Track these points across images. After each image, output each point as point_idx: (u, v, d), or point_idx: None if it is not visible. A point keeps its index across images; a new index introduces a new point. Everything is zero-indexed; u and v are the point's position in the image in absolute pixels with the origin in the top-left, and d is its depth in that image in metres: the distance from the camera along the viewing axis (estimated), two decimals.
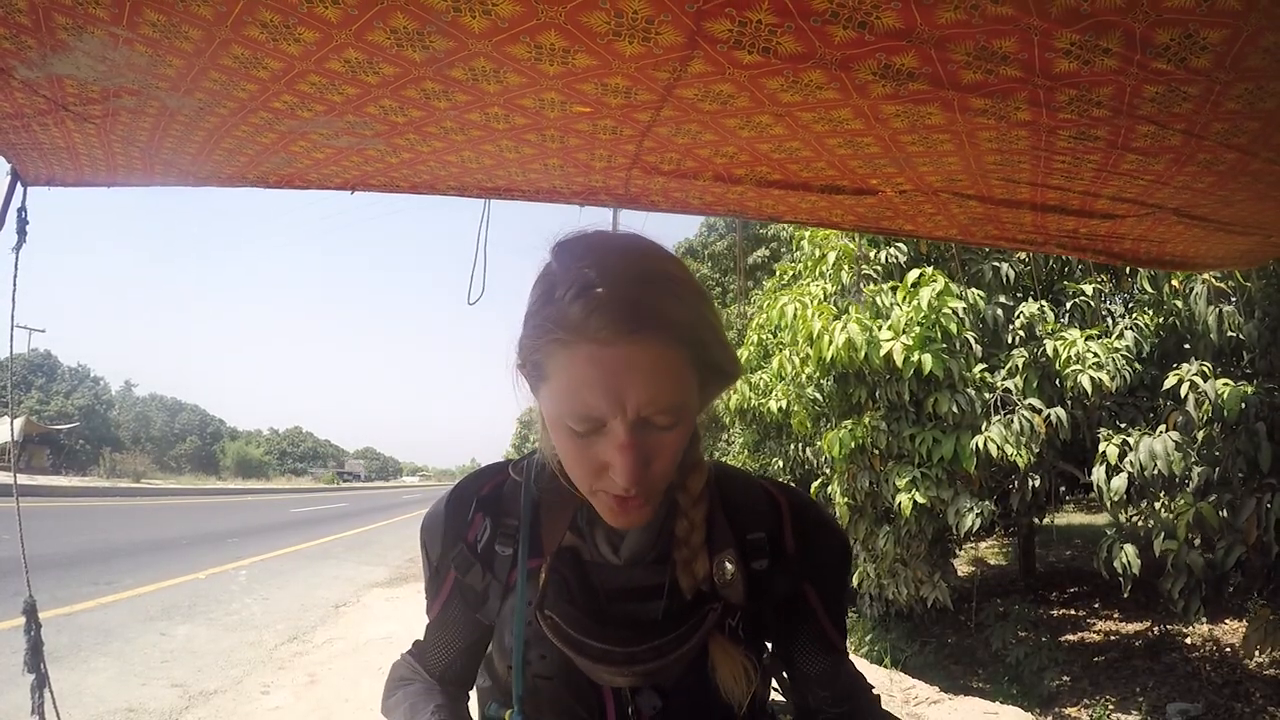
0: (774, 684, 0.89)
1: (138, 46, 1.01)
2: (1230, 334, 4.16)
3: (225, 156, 1.46)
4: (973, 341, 4.96)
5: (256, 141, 1.37)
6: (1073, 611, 7.01)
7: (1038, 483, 5.05)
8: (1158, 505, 4.19)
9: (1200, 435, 3.97)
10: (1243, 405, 3.73)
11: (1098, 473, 4.26)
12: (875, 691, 0.89)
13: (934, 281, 4.77)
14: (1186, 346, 4.76)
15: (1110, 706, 4.78)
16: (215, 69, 1.06)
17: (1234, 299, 4.17)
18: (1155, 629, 5.84)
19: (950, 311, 4.75)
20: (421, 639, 0.91)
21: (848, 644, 0.89)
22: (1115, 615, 6.54)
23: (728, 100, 1.09)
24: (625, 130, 1.23)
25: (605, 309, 0.61)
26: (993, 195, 1.51)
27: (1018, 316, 5.15)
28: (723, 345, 0.70)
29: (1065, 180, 1.39)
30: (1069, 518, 10.81)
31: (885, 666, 5.67)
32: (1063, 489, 5.94)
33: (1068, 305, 5.20)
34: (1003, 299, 5.22)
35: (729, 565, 0.74)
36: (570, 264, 0.66)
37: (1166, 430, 4.06)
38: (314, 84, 1.10)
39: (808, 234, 6.29)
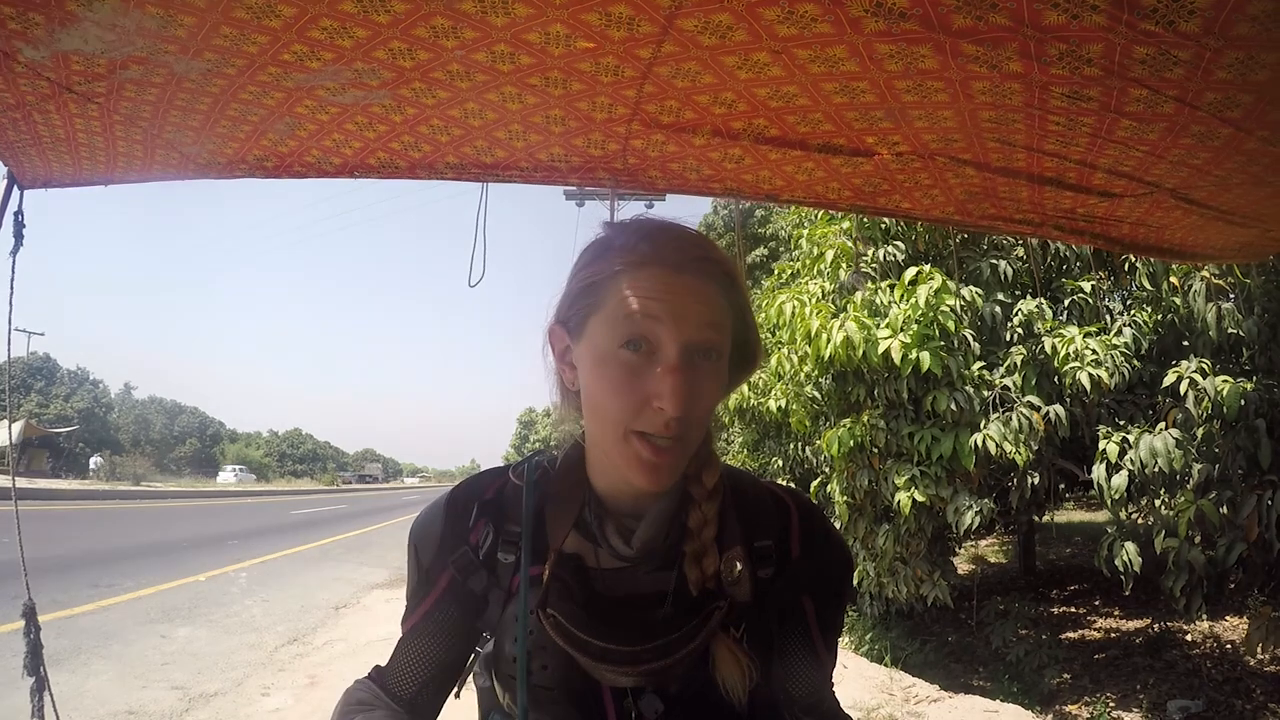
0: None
1: (149, 9, 1.02)
2: (1229, 331, 4.16)
3: (230, 127, 1.47)
4: (971, 339, 4.97)
5: (262, 104, 1.37)
6: (1073, 609, 7.01)
7: (1037, 480, 5.05)
8: (1158, 503, 4.20)
9: (1200, 432, 3.98)
10: (1242, 402, 3.74)
11: (1098, 470, 4.27)
12: None
13: (931, 279, 4.77)
14: (1185, 343, 4.77)
15: (1111, 704, 4.78)
16: (227, 23, 1.07)
17: (1233, 295, 4.18)
18: (1155, 626, 5.84)
19: (948, 309, 4.75)
20: (387, 663, 0.86)
21: (847, 643, 0.88)
22: (1115, 613, 6.54)
23: (726, 33, 1.10)
24: (626, 71, 1.24)
25: (673, 244, 0.70)
26: (989, 161, 1.51)
27: (1016, 314, 5.15)
28: (753, 321, 0.77)
29: (1060, 145, 1.39)
30: (1068, 515, 10.81)
31: (885, 665, 5.67)
32: (1062, 486, 5.94)
33: (1066, 302, 5.21)
34: (1001, 296, 5.22)
35: (738, 564, 0.74)
36: (626, 225, 0.74)
37: (1166, 427, 4.06)
38: (325, 28, 1.11)
39: (805, 232, 6.30)
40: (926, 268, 4.92)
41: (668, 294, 0.67)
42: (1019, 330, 5.13)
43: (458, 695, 1.05)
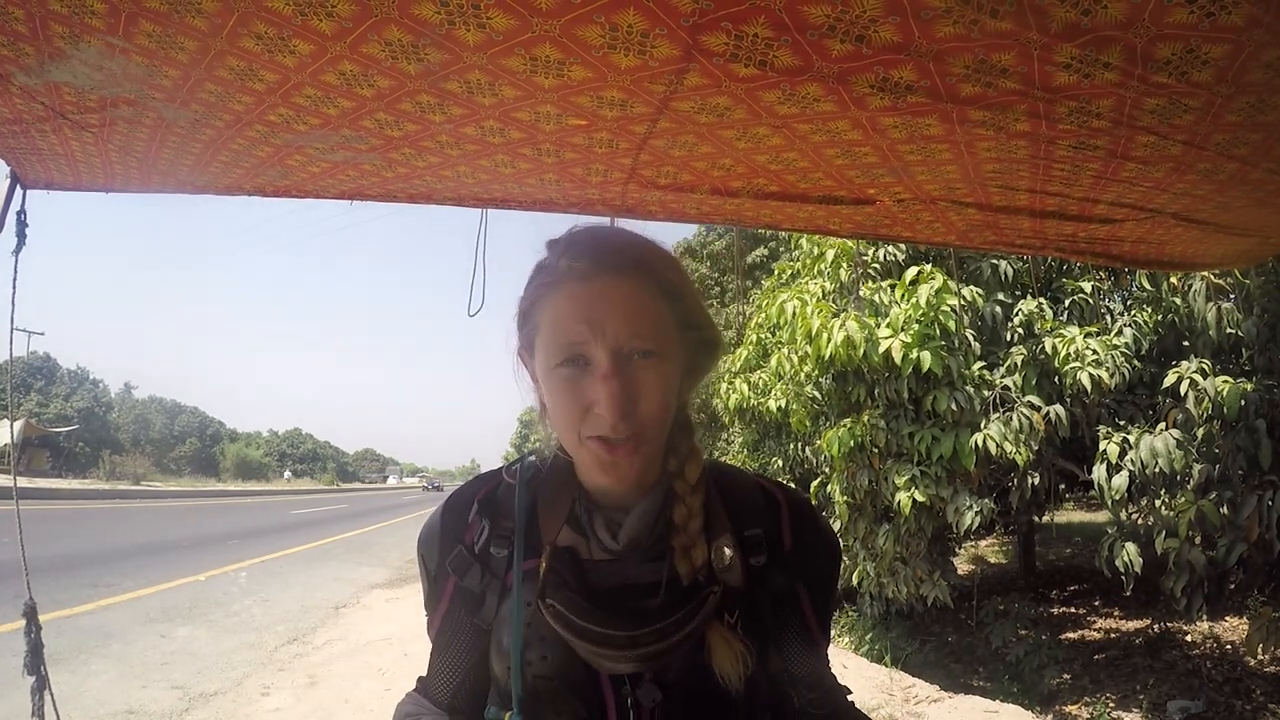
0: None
1: (134, 57, 1.01)
2: (1229, 331, 4.16)
3: (222, 169, 1.46)
4: (971, 339, 4.96)
5: (253, 155, 1.36)
6: (1073, 609, 7.01)
7: (1037, 480, 5.05)
8: (1158, 503, 4.19)
9: (1200, 433, 3.97)
10: (1242, 402, 3.73)
11: (1098, 471, 4.26)
12: (850, 695, 0.91)
13: (932, 279, 4.77)
14: (1185, 343, 4.76)
15: (1111, 704, 4.78)
16: (211, 80, 1.06)
17: (1233, 296, 4.18)
18: (1155, 626, 5.84)
19: (949, 309, 4.75)
20: (425, 673, 0.88)
21: (847, 643, 0.90)
22: (1115, 613, 6.55)
23: (724, 112, 1.09)
24: (621, 143, 1.23)
25: (587, 252, 0.71)
26: (991, 203, 1.51)
27: (1016, 314, 5.15)
28: (700, 307, 0.77)
29: (1064, 187, 1.39)
30: (1069, 515, 10.82)
31: (885, 665, 5.67)
32: (1062, 486, 5.94)
33: (1066, 302, 5.20)
34: (1001, 296, 5.22)
35: (727, 551, 0.75)
36: (556, 242, 0.76)
37: (1166, 428, 4.06)
38: (309, 97, 1.10)
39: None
40: (927, 267, 4.92)
41: (587, 306, 0.69)
42: (1019, 330, 5.12)
43: None
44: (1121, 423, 4.58)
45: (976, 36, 0.86)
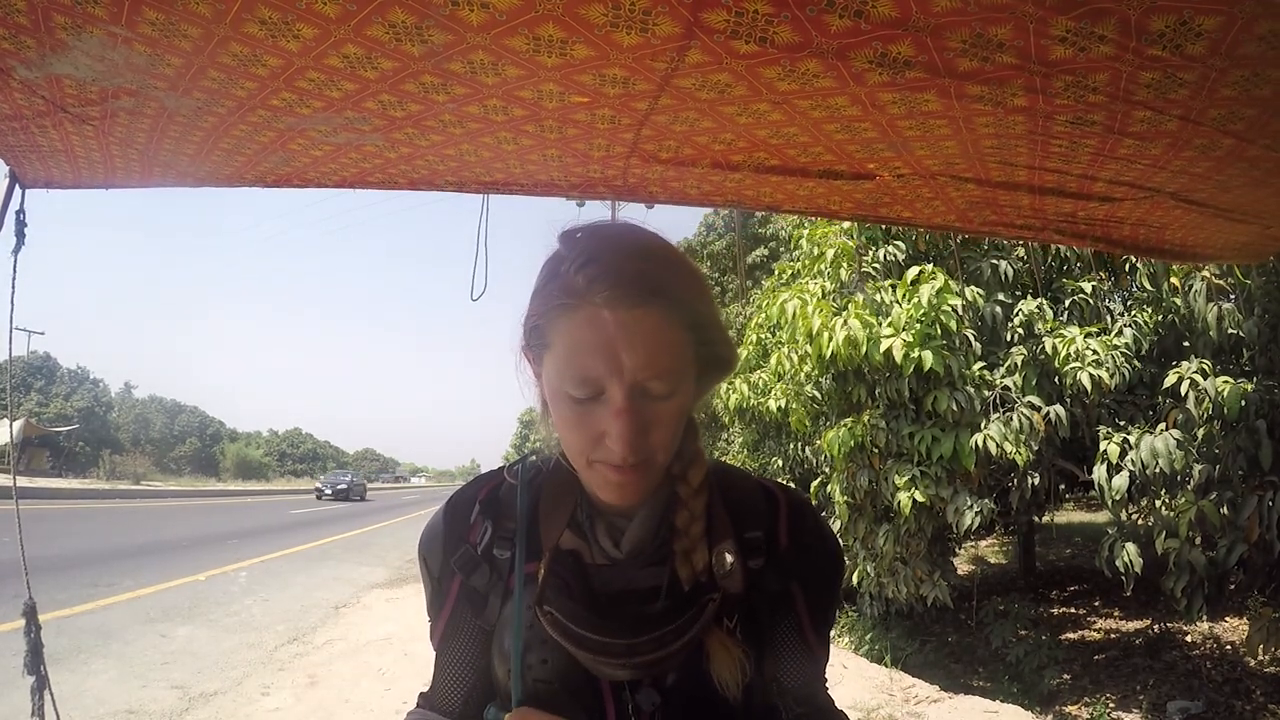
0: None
1: (136, 46, 1.01)
2: (1230, 331, 4.16)
3: (224, 156, 1.47)
4: (972, 339, 4.96)
5: (255, 140, 1.37)
6: (1073, 610, 7.01)
7: (1037, 480, 5.05)
8: (1159, 503, 4.19)
9: (1200, 433, 3.97)
10: (1243, 403, 3.73)
11: (1099, 471, 4.27)
12: None
13: (933, 279, 4.77)
14: (1186, 344, 4.77)
15: (1111, 705, 4.78)
16: (214, 67, 1.07)
17: (1233, 296, 4.18)
18: (1155, 627, 5.84)
19: (949, 309, 4.75)
20: (429, 686, 0.86)
21: (847, 643, 0.88)
22: (1115, 613, 6.55)
23: (725, 89, 1.10)
24: (623, 119, 1.24)
25: (608, 276, 0.65)
26: (990, 178, 1.52)
27: (1017, 314, 5.15)
28: (721, 331, 0.73)
29: (1062, 163, 1.40)
30: (1069, 515, 10.82)
31: (885, 665, 5.67)
32: (1062, 487, 5.94)
33: (1066, 303, 5.20)
34: (1002, 296, 5.22)
35: (728, 556, 0.74)
36: (576, 243, 0.70)
37: (1167, 428, 4.06)
38: (312, 80, 1.10)
39: (805, 232, 6.30)
40: (929, 267, 4.92)
41: (606, 338, 0.64)
42: (1019, 330, 5.12)
43: None
44: (1122, 423, 4.59)
45: (973, 10, 0.86)
